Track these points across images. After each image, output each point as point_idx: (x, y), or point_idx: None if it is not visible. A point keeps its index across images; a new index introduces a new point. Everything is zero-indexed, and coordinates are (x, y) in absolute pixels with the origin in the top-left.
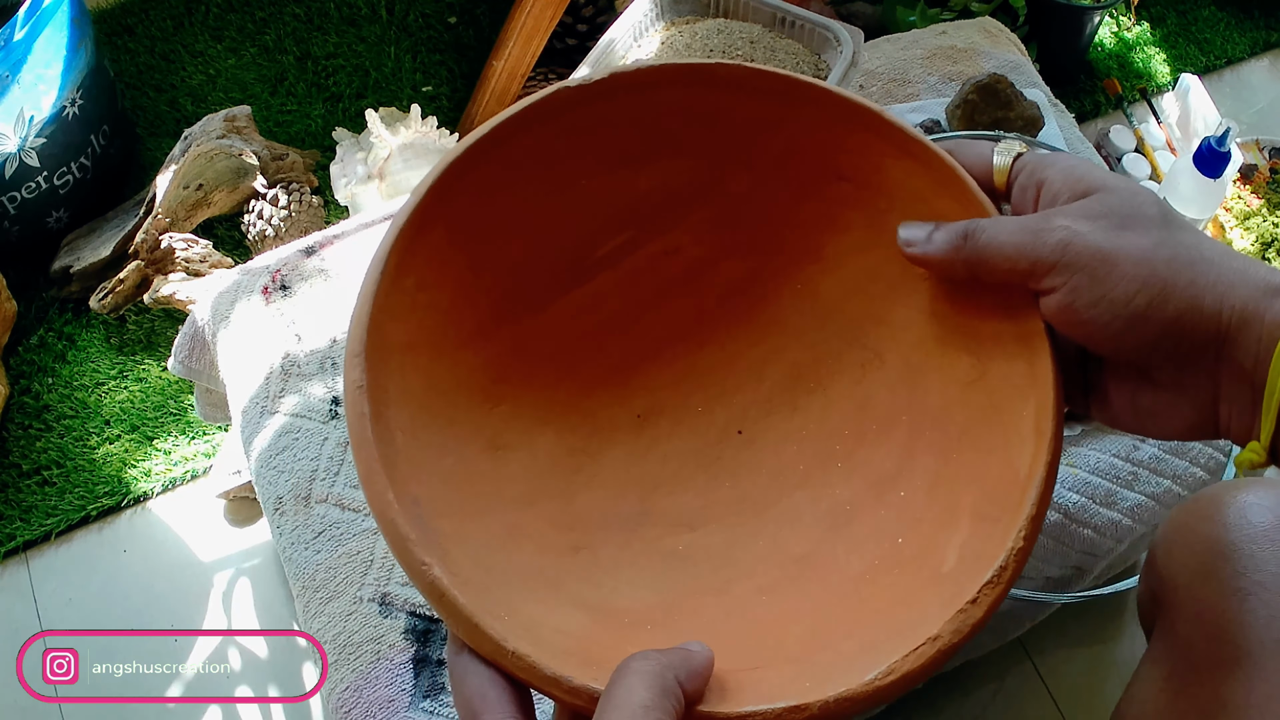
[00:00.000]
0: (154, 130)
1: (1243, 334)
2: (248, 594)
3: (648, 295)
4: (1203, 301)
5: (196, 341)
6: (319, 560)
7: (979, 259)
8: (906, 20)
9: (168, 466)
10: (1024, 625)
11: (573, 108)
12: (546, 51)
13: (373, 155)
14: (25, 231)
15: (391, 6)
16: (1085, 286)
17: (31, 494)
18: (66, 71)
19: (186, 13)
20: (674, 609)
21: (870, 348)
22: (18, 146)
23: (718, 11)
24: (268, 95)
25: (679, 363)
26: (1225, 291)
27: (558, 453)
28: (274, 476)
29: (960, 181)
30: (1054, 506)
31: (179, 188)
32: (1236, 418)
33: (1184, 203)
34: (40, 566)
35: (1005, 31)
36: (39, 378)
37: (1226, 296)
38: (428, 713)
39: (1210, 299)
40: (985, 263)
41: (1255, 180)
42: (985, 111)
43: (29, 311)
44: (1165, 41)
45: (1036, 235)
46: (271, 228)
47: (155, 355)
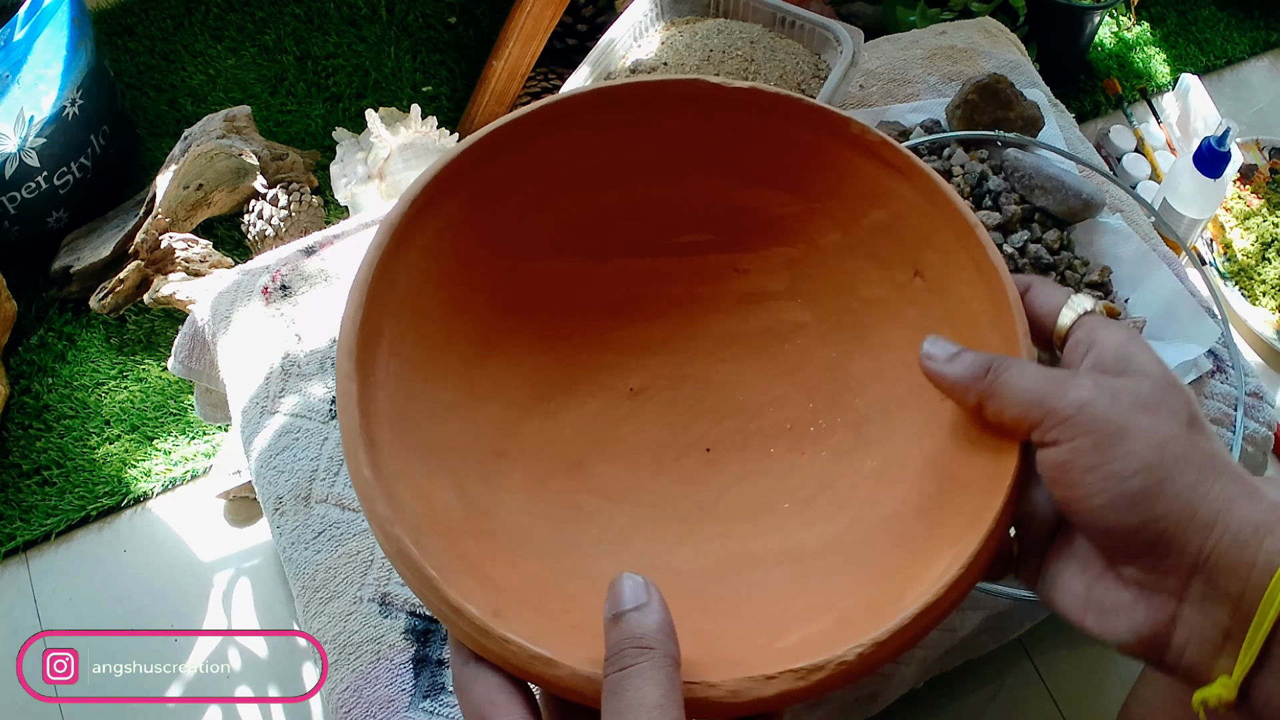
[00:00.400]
0: (154, 130)
1: (1234, 556)
2: (248, 594)
3: (698, 301)
4: (1198, 509)
5: (196, 341)
6: (319, 560)
7: (995, 394)
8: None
9: (168, 466)
10: (1024, 625)
11: (623, 103)
12: (546, 51)
13: (373, 155)
14: (25, 231)
15: (391, 6)
16: (1088, 450)
17: (31, 494)
18: (66, 71)
19: (186, 13)
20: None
21: (866, 439)
22: (18, 146)
23: (718, 11)
24: (268, 95)
25: (687, 368)
26: (1225, 506)
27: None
28: (274, 476)
29: (1012, 321)
30: None
31: (179, 188)
32: (1195, 645)
33: (1184, 203)
34: (40, 566)
35: (1005, 31)
36: (39, 378)
37: (1225, 512)
38: (428, 713)
39: (1207, 509)
40: (999, 400)
41: (1255, 180)
42: (985, 111)
43: (29, 311)
44: (1165, 41)
45: (1059, 387)
46: (271, 228)
47: (155, 355)
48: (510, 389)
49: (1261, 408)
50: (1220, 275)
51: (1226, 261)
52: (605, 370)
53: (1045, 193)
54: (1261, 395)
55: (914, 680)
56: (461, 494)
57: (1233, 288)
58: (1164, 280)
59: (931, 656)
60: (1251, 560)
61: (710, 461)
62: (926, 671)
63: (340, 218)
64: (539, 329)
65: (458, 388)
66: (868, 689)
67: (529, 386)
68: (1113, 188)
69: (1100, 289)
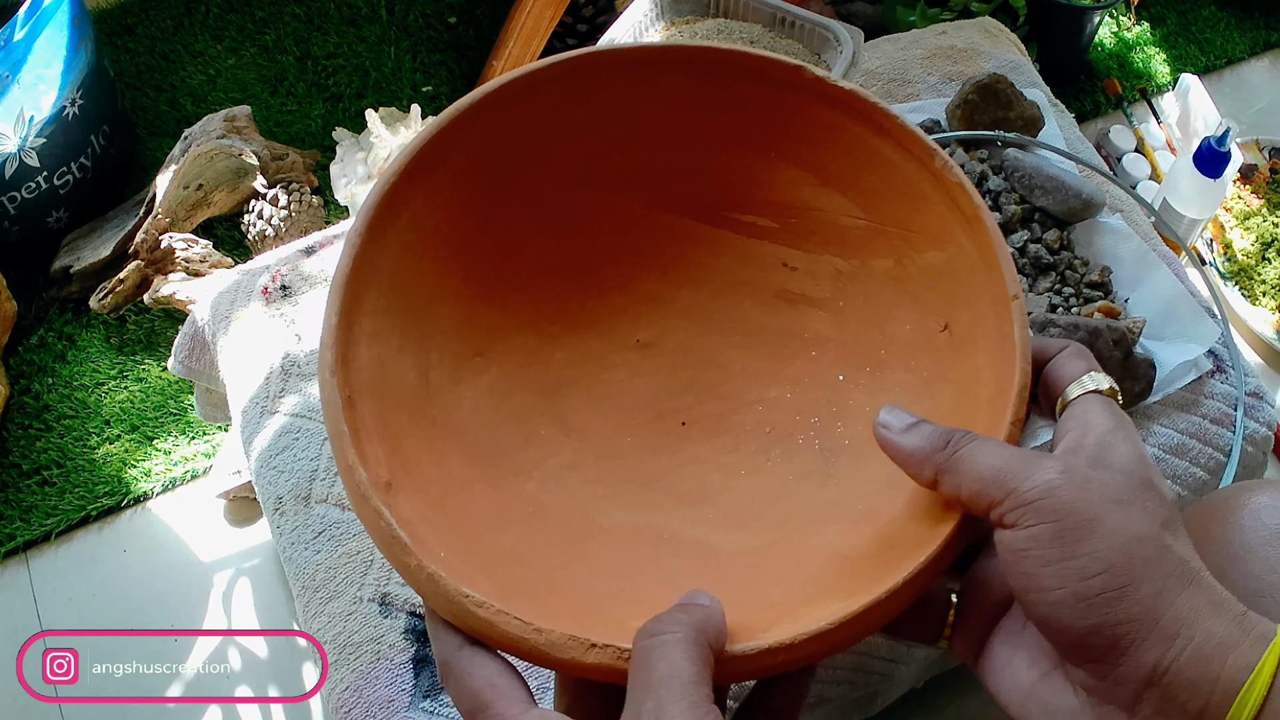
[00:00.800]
0: (154, 130)
1: (1196, 671)
2: (248, 594)
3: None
4: (1161, 618)
5: (196, 341)
6: (319, 560)
7: (951, 469)
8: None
9: (168, 466)
10: None
11: (600, 72)
12: (546, 51)
13: (373, 155)
14: (25, 231)
15: (391, 6)
16: (1048, 540)
17: (31, 494)
18: (66, 71)
19: (186, 13)
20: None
21: (830, 471)
22: (18, 146)
23: (718, 11)
24: (268, 95)
25: (701, 340)
26: (1190, 618)
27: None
28: (274, 476)
29: (1006, 404)
30: None
31: (179, 188)
32: None
33: (1184, 203)
34: (40, 566)
35: (1005, 31)
36: (39, 378)
37: (1190, 624)
38: (428, 713)
39: (1170, 619)
40: (956, 475)
41: (1255, 180)
42: (985, 111)
43: (29, 311)
44: (1165, 41)
45: (1024, 467)
46: (271, 228)
47: (155, 355)
48: (518, 304)
49: (1261, 408)
50: (1220, 275)
51: (1226, 261)
52: (620, 315)
53: (1045, 193)
54: (1261, 395)
55: (914, 680)
56: (422, 375)
57: (1233, 288)
58: (1164, 280)
59: (932, 656)
60: (1214, 676)
61: (680, 435)
62: (927, 671)
63: (340, 218)
64: (567, 258)
65: (460, 289)
66: (867, 689)
67: (536, 307)
68: (1113, 188)
69: (1100, 289)
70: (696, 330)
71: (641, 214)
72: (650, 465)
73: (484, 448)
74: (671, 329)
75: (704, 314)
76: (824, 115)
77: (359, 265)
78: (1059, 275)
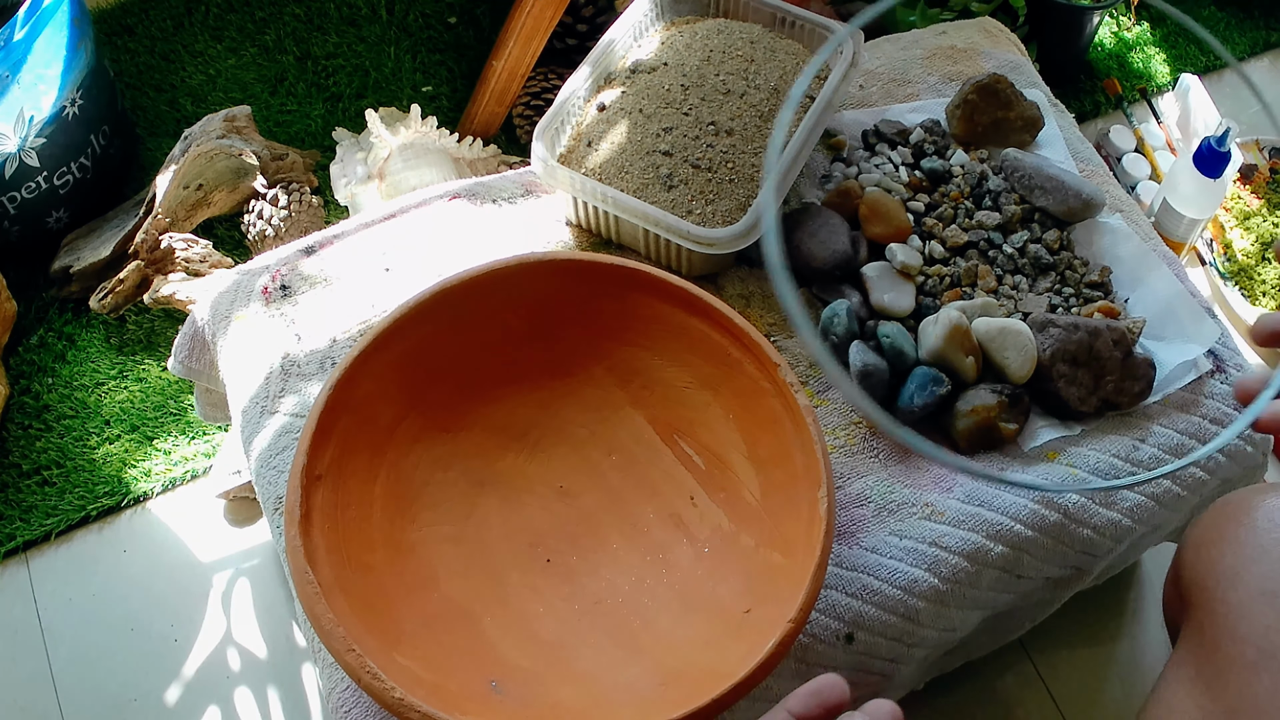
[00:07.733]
0: (154, 130)
1: None
2: (248, 594)
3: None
4: None
5: (196, 341)
6: None
7: None
8: (906, 20)
9: (168, 466)
10: (1024, 626)
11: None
12: (546, 51)
13: (373, 155)
14: (25, 231)
15: (391, 6)
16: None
17: (31, 494)
18: (66, 71)
19: (186, 13)
20: None
21: (638, 640)
22: (18, 146)
23: (718, 11)
24: (268, 95)
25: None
26: None
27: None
28: (274, 476)
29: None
30: (1054, 506)
31: (179, 188)
32: None
33: (1184, 203)
34: (40, 566)
35: (1005, 31)
36: (39, 378)
37: None
38: None
39: None
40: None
41: (1255, 180)
42: (985, 111)
43: (29, 311)
44: (1165, 41)
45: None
46: (271, 228)
47: (155, 355)
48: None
49: None
50: (1220, 275)
51: (1226, 261)
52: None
53: (1045, 193)
54: None
55: (914, 681)
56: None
57: (1233, 288)
58: (1164, 280)
59: (932, 657)
60: None
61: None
62: (927, 672)
63: (340, 218)
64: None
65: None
66: (867, 690)
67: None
68: (1113, 187)
69: (1100, 289)
70: (610, 495)
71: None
72: (510, 576)
73: None
74: (590, 486)
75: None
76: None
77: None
78: (1059, 275)
